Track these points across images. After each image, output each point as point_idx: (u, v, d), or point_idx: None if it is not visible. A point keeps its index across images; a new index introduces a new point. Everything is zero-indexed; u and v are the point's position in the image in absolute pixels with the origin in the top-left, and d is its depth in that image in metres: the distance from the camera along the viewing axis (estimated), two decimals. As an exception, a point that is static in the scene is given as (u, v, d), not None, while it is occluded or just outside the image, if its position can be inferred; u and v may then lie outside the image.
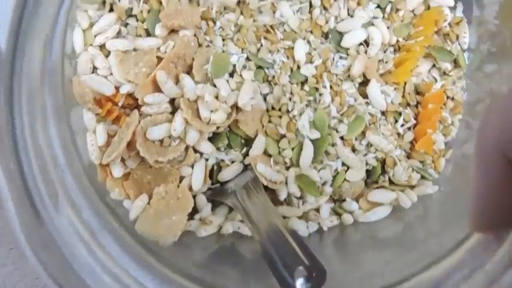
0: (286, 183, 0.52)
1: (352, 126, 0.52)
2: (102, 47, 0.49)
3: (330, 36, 0.53)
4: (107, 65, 0.48)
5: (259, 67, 0.51)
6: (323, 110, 0.52)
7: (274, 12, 0.52)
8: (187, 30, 0.50)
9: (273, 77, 0.52)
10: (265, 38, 0.52)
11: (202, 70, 0.49)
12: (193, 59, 0.50)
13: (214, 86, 0.49)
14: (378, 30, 0.52)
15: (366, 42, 0.53)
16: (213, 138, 0.52)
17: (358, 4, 0.53)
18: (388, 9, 0.54)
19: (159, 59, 0.49)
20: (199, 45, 0.51)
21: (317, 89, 0.52)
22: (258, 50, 0.52)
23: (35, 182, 0.37)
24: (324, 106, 0.52)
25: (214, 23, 0.51)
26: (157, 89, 0.49)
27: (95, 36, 0.49)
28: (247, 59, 0.51)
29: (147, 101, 0.48)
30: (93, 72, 0.49)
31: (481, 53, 0.55)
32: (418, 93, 0.56)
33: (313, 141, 0.52)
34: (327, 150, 0.52)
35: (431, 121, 0.54)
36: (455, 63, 0.56)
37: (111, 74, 0.49)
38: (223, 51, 0.51)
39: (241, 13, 0.52)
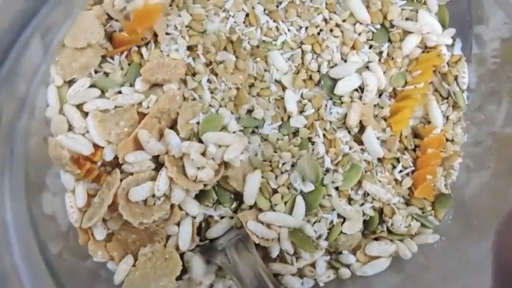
0: (279, 239, 0.49)
1: (347, 176, 0.50)
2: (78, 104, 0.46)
3: (322, 82, 0.50)
4: (84, 124, 0.45)
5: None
6: (316, 160, 0.49)
7: (266, 58, 0.49)
8: (172, 83, 0.46)
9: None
10: (258, 94, 0.49)
11: (188, 125, 0.46)
12: (177, 114, 0.46)
13: (200, 141, 0.46)
14: (373, 76, 0.49)
15: (361, 88, 0.50)
16: (200, 195, 0.48)
17: (353, 48, 0.50)
18: (384, 53, 0.51)
19: (141, 114, 0.46)
20: (184, 99, 0.47)
21: (310, 138, 0.49)
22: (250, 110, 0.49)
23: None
24: (317, 157, 0.49)
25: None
26: (139, 146, 0.46)
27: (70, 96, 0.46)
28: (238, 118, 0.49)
29: (128, 160, 0.45)
30: (69, 130, 0.46)
31: (482, 93, 0.52)
32: (415, 135, 0.53)
33: (306, 194, 0.49)
34: (321, 203, 0.49)
35: (430, 167, 0.51)
36: (454, 104, 0.53)
37: (88, 131, 0.46)
38: (210, 105, 0.48)
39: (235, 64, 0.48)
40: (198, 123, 0.47)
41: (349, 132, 0.51)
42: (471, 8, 0.52)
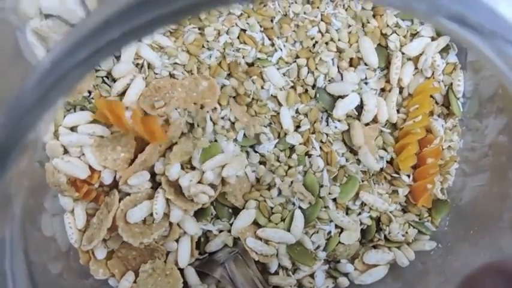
0: (277, 254, 0.49)
1: (344, 189, 0.50)
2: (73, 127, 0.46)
3: (318, 95, 0.49)
4: (79, 148, 0.45)
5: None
6: (313, 174, 0.49)
7: (262, 74, 0.49)
8: (170, 107, 0.46)
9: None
10: (256, 113, 0.48)
11: (182, 156, 0.46)
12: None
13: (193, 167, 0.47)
14: (372, 96, 0.49)
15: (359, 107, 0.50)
16: (199, 212, 0.48)
17: (350, 65, 0.50)
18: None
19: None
20: (183, 133, 0.47)
21: (307, 152, 0.50)
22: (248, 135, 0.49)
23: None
24: (315, 170, 0.49)
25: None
26: (138, 169, 0.46)
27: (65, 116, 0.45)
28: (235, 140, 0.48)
29: (131, 184, 0.45)
30: (64, 152, 0.46)
31: (478, 101, 0.52)
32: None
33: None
34: (318, 215, 0.49)
35: (430, 176, 0.51)
36: (450, 111, 0.53)
37: (84, 154, 0.46)
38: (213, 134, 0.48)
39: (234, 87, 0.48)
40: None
41: (345, 143, 0.51)
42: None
